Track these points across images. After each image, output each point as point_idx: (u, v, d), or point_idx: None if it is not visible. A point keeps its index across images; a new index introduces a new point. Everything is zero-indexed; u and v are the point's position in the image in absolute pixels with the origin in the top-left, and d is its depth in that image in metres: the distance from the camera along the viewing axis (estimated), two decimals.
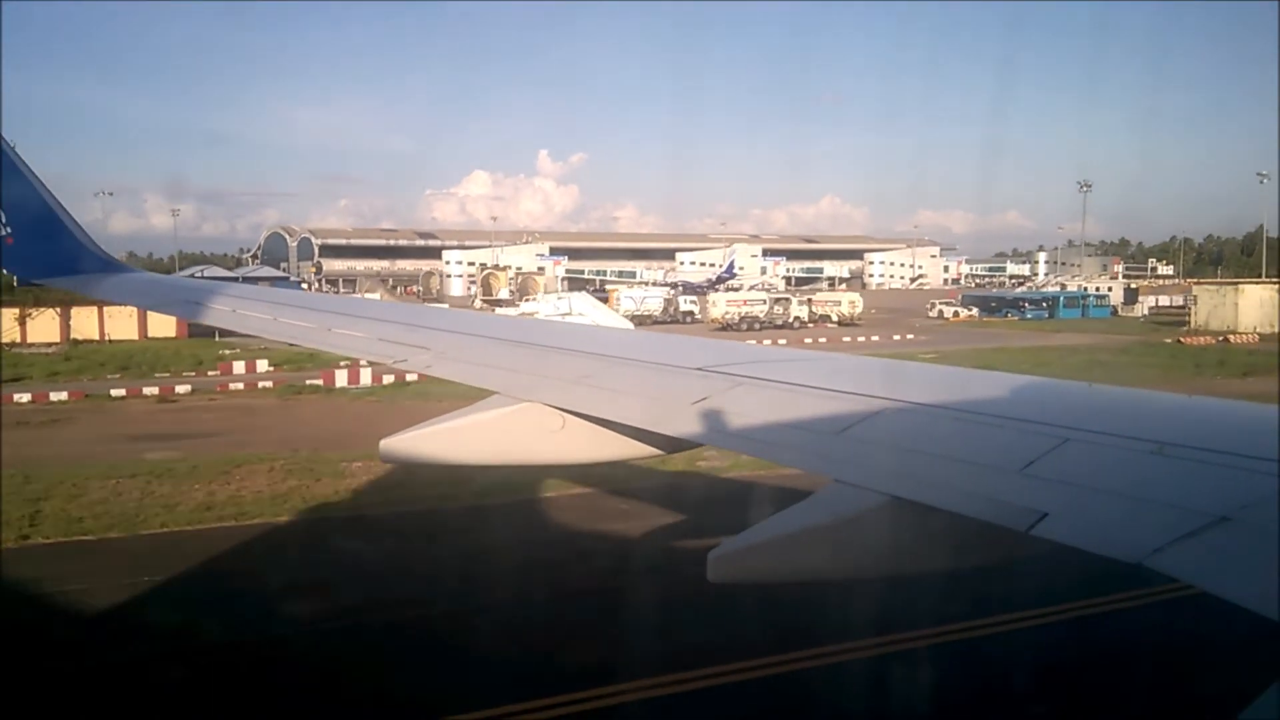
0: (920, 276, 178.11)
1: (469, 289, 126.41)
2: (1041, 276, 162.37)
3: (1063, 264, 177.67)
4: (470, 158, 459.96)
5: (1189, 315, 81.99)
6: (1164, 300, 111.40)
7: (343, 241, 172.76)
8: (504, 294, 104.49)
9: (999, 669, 13.30)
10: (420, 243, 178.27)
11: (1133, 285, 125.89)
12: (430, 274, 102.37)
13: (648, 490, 21.25)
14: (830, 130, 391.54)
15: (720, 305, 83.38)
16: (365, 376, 42.32)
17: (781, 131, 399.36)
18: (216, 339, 59.36)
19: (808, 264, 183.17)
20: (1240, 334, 70.58)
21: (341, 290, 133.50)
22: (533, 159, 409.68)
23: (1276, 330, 73.26)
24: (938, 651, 13.42)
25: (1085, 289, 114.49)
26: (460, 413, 6.92)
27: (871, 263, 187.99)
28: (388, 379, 41.87)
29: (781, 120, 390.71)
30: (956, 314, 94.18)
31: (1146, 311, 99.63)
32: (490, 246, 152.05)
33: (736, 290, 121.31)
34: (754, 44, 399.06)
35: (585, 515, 20.59)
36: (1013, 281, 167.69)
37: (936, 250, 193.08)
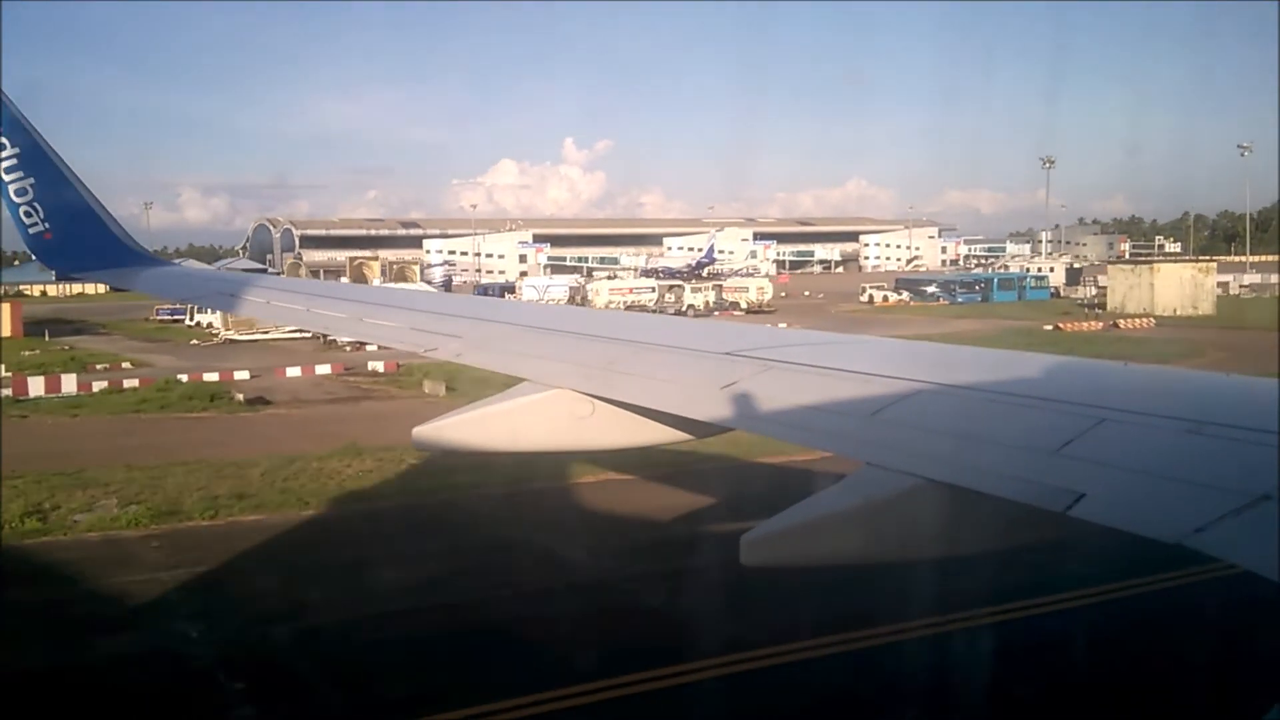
0: (916, 258, 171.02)
1: (449, 276, 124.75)
2: (1043, 257, 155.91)
3: (1067, 243, 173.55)
4: (497, 147, 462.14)
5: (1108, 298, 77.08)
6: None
7: (323, 232, 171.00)
8: (375, 283, 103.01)
9: (1037, 652, 13.21)
10: (403, 232, 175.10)
11: (1075, 265, 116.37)
12: (361, 264, 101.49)
13: (680, 475, 21.24)
14: (857, 111, 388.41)
15: (604, 295, 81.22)
16: (69, 384, 36.74)
17: (808, 113, 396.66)
18: (47, 338, 58.57)
19: (800, 247, 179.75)
20: (1134, 317, 66.43)
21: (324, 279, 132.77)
22: (558, 147, 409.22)
23: (1199, 312, 69.76)
24: (974, 635, 13.36)
25: (1026, 270, 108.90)
26: (492, 399, 6.96)
27: (867, 245, 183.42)
28: (98, 385, 37.50)
29: (808, 102, 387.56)
30: (886, 299, 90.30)
31: (1093, 293, 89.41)
32: (473, 235, 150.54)
33: (717, 276, 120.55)
34: (779, 28, 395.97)
35: (625, 500, 20.75)
36: (1005, 264, 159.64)
37: (935, 231, 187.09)
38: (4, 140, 11.52)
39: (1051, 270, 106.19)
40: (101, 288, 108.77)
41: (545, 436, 6.86)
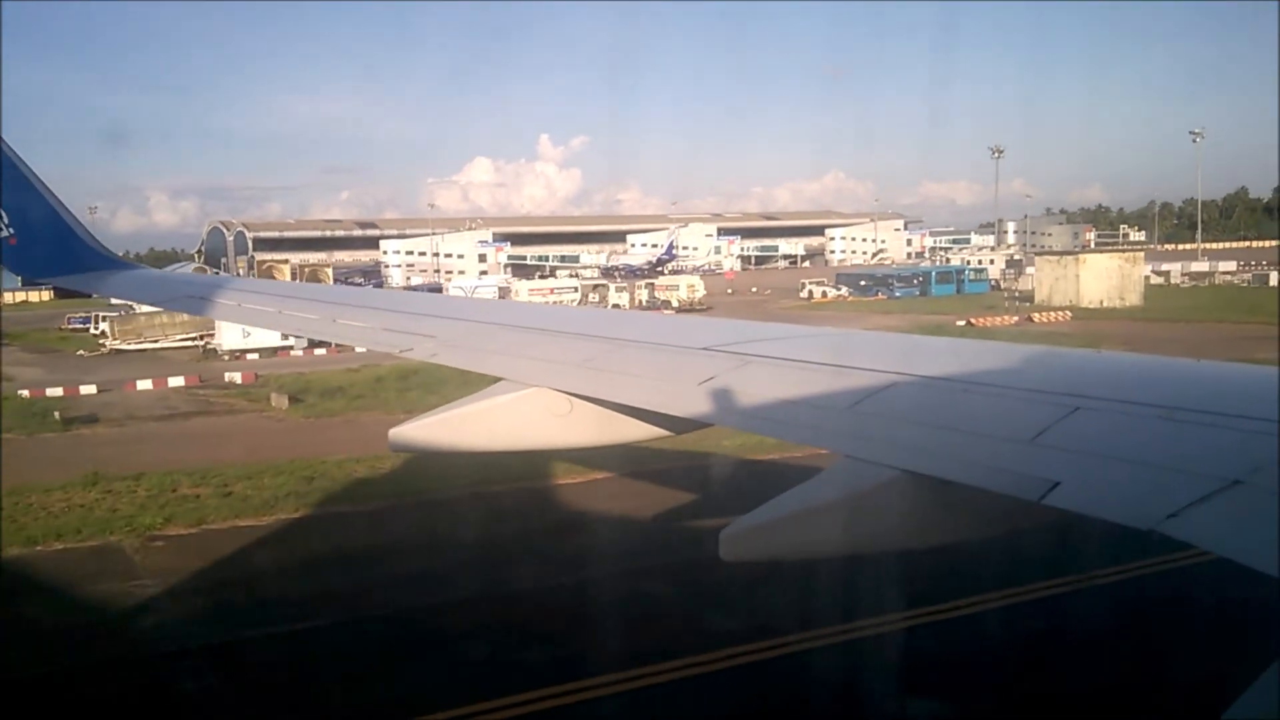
0: (881, 251, 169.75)
1: (407, 280, 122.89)
2: (989, 248, 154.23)
3: (1032, 233, 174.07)
4: (471, 145, 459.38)
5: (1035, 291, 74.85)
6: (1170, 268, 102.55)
7: (277, 234, 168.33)
8: None
9: (1017, 640, 13.33)
10: (359, 233, 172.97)
11: (1015, 257, 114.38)
12: (270, 268, 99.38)
13: (660, 472, 21.24)
14: (834, 104, 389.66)
15: (523, 295, 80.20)
16: None
17: (784, 107, 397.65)
18: None
19: (764, 242, 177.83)
20: (1052, 310, 65.05)
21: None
22: (534, 144, 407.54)
23: (1127, 303, 68.50)
24: (952, 625, 13.47)
25: (966, 263, 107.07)
26: (469, 399, 6.93)
27: (832, 238, 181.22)
28: None
29: (784, 95, 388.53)
30: (825, 294, 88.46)
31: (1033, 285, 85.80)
32: (431, 234, 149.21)
33: (678, 273, 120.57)
34: (756, 20, 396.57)
35: (608, 499, 20.71)
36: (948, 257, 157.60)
37: (901, 224, 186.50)
38: None
39: (992, 263, 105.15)
40: (46, 294, 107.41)
41: (524, 435, 6.84)
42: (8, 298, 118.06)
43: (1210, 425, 4.21)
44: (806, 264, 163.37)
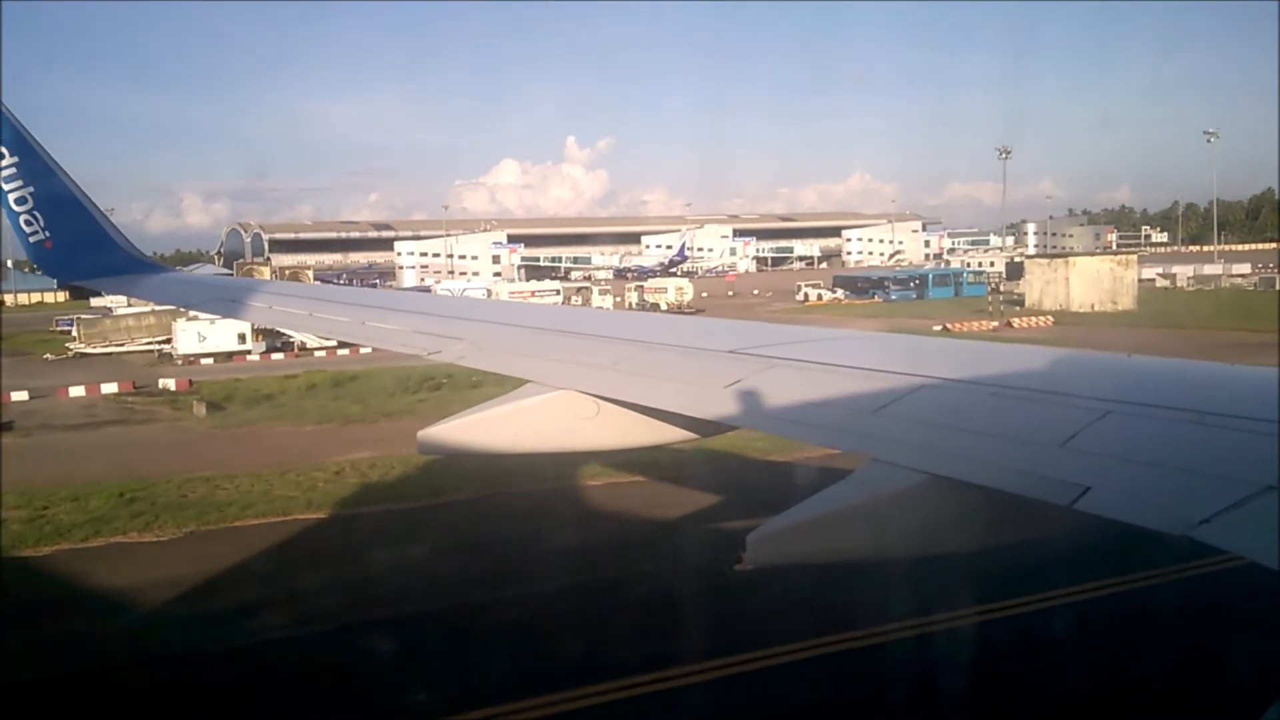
0: (898, 253, 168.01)
1: (421, 281, 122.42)
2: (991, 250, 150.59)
3: (1053, 234, 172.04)
4: (499, 147, 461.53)
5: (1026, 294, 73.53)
6: (1184, 271, 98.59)
7: (292, 236, 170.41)
8: None
9: (1048, 646, 13.21)
10: (374, 234, 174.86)
11: (1016, 260, 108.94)
12: (250, 269, 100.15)
13: (689, 476, 21.25)
14: (860, 106, 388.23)
15: (503, 298, 78.36)
16: None
17: (811, 109, 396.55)
18: None
19: (780, 244, 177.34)
20: (1037, 315, 63.23)
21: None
22: (560, 146, 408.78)
23: (1119, 307, 66.76)
24: (985, 630, 13.38)
25: (967, 266, 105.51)
26: (497, 401, 6.96)
27: (849, 240, 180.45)
28: None
29: (810, 97, 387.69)
30: (820, 297, 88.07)
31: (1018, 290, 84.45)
32: (445, 236, 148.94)
33: (690, 275, 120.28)
34: (780, 21, 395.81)
35: (640, 502, 20.72)
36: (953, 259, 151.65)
37: (919, 225, 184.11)
38: (3, 149, 11.52)
39: (992, 265, 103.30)
40: (62, 295, 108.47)
41: (551, 437, 6.85)
42: (23, 298, 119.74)
43: (1243, 430, 4.16)
44: (824, 265, 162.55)
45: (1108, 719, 11.16)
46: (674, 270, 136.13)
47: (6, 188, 11.69)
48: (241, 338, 53.77)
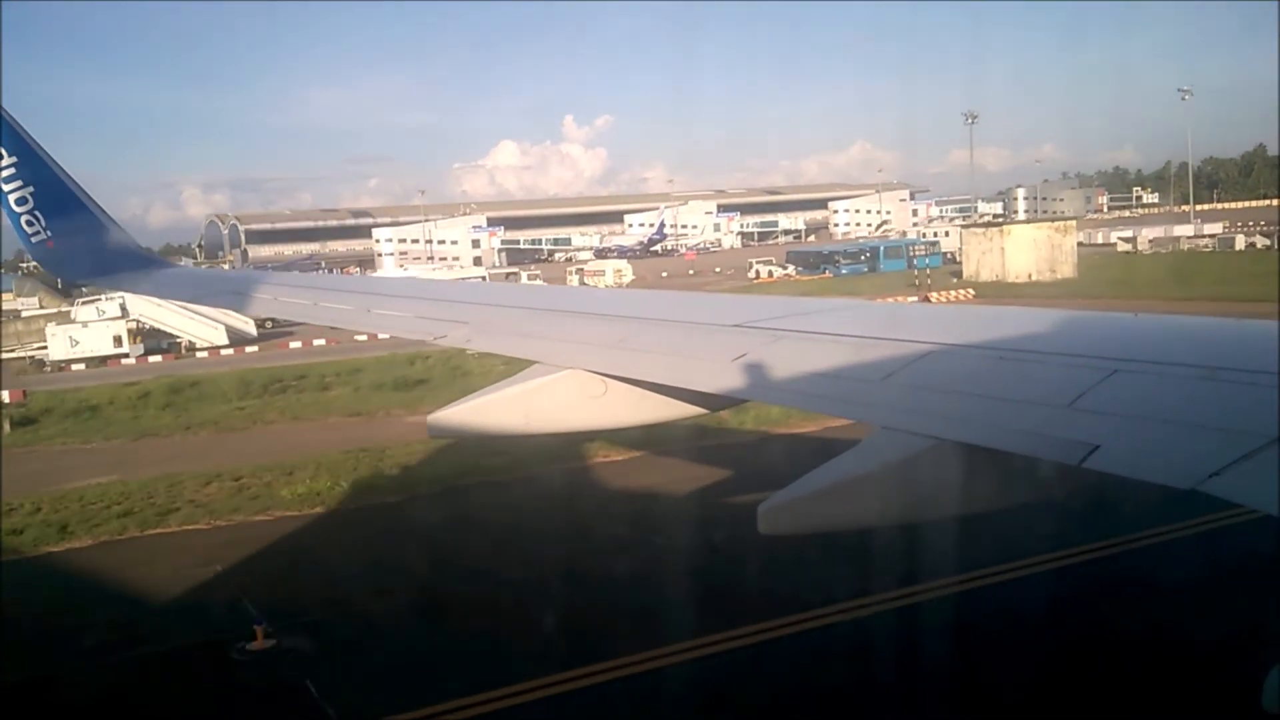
0: (885, 223, 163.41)
1: (401, 268, 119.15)
2: (1022, 212, 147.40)
3: (1043, 199, 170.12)
4: (496, 128, 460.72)
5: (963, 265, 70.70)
6: (1152, 234, 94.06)
7: (268, 226, 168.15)
8: None
9: (1067, 605, 13.27)
10: (352, 222, 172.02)
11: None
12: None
13: (698, 449, 21.26)
14: (859, 74, 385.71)
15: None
16: None
17: (810, 78, 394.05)
18: None
19: (765, 218, 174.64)
20: (960, 290, 60.12)
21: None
22: (558, 125, 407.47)
23: (1058, 276, 63.91)
24: (1004, 590, 13.45)
25: (922, 236, 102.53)
26: (504, 383, 6.99)
27: (836, 211, 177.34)
28: None
29: (810, 68, 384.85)
30: (771, 274, 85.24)
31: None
32: (423, 221, 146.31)
33: (671, 252, 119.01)
34: None
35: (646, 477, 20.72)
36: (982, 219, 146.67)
37: (907, 194, 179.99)
38: (1, 150, 11.53)
39: (947, 235, 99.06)
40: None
41: (560, 417, 6.89)
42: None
43: (1251, 384, 4.16)
44: (812, 238, 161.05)
45: (1121, 677, 11.20)
46: (654, 249, 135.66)
47: (6, 188, 11.70)
48: (118, 340, 51.28)
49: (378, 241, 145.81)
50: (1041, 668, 11.31)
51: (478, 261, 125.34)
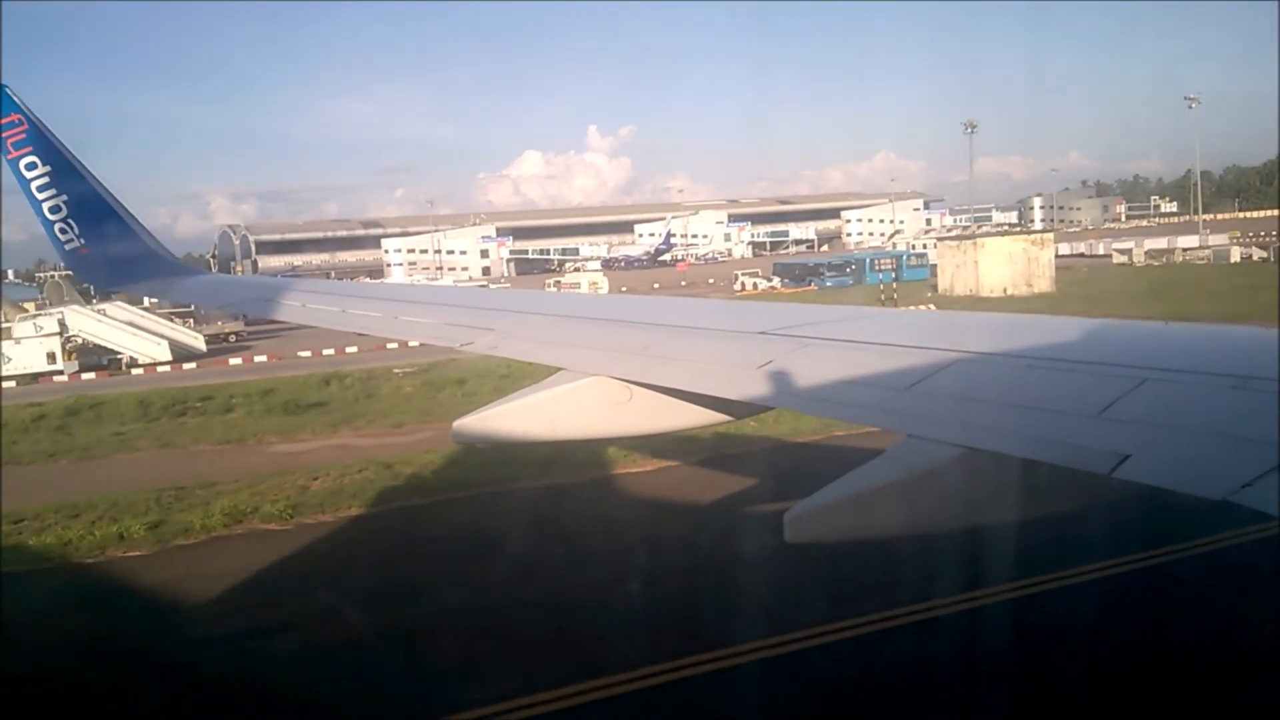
0: (897, 232, 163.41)
1: (410, 277, 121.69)
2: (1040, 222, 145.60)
3: (1060, 208, 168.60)
4: (521, 139, 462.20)
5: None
6: (1153, 245, 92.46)
7: (278, 236, 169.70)
8: None
9: (1092, 619, 13.13)
10: (362, 232, 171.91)
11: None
12: None
13: (725, 458, 21.17)
14: (885, 83, 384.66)
15: None
16: None
17: (835, 88, 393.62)
18: None
19: (776, 228, 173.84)
20: (923, 304, 56.40)
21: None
22: (582, 135, 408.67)
23: (1035, 290, 62.22)
24: (1032, 602, 13.32)
25: (912, 248, 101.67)
26: (530, 390, 7.02)
27: (848, 220, 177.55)
28: None
29: (834, 77, 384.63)
30: (756, 286, 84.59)
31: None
32: (434, 231, 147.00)
33: (678, 261, 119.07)
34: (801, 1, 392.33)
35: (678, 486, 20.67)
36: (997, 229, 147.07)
37: (920, 203, 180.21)
38: (35, 159, 11.73)
39: (935, 246, 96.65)
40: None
41: (585, 424, 6.90)
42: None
43: None
44: (825, 248, 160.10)
45: (1158, 689, 11.06)
46: (662, 259, 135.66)
47: (40, 196, 11.91)
48: (51, 357, 49.63)
49: (386, 252, 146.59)
50: (1077, 680, 11.21)
51: (486, 272, 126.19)
